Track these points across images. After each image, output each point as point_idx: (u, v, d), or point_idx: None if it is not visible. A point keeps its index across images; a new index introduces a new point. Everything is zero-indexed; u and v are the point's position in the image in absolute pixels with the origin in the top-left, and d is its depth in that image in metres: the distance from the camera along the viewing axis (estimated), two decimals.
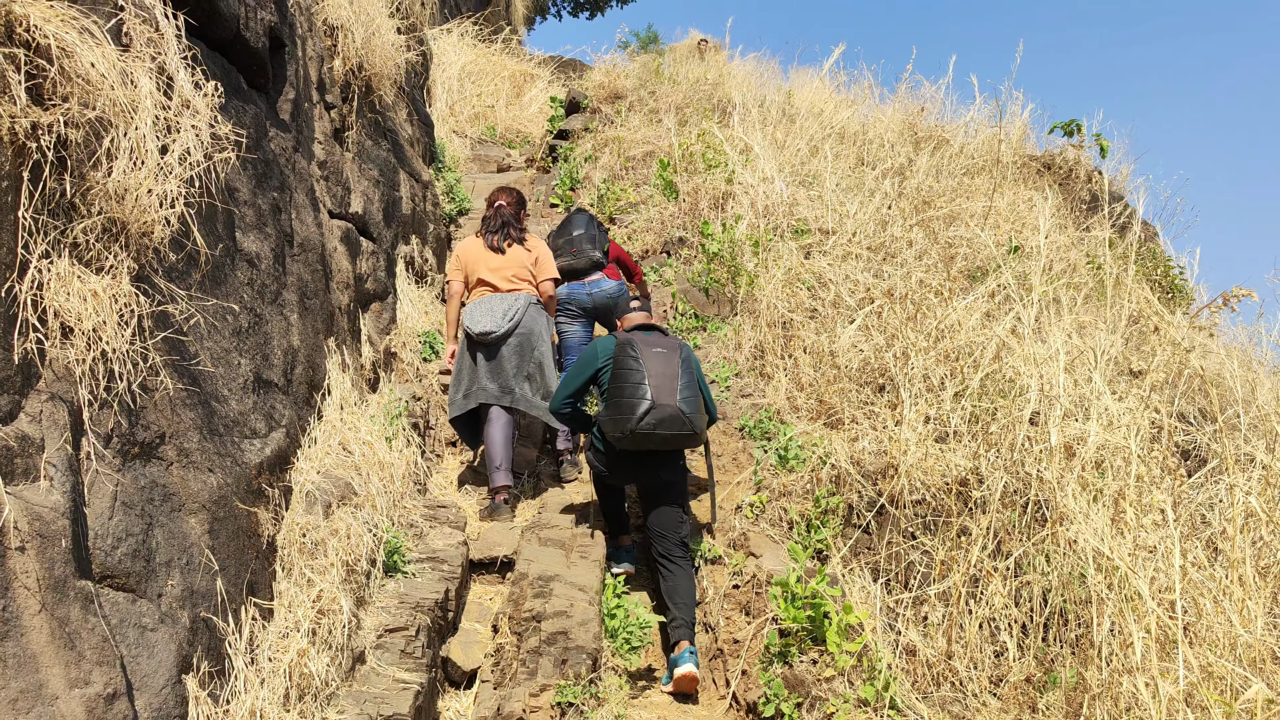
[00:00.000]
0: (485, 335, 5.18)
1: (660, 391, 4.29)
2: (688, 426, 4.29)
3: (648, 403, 4.25)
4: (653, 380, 4.32)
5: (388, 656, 3.54)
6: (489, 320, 5.21)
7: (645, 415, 4.25)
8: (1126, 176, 9.81)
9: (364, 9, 5.93)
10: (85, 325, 2.63)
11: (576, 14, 22.96)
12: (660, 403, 4.26)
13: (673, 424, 4.27)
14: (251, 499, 3.31)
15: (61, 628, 2.22)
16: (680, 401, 4.30)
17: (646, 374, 4.34)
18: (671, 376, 4.37)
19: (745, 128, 8.53)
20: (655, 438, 4.28)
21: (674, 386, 4.33)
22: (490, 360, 5.23)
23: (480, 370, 5.23)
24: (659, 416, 4.25)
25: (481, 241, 5.51)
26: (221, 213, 3.59)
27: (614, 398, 4.36)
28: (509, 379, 5.20)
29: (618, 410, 4.31)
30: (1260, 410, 4.79)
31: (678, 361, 4.44)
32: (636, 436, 4.26)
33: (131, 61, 2.99)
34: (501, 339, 5.22)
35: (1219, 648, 2.91)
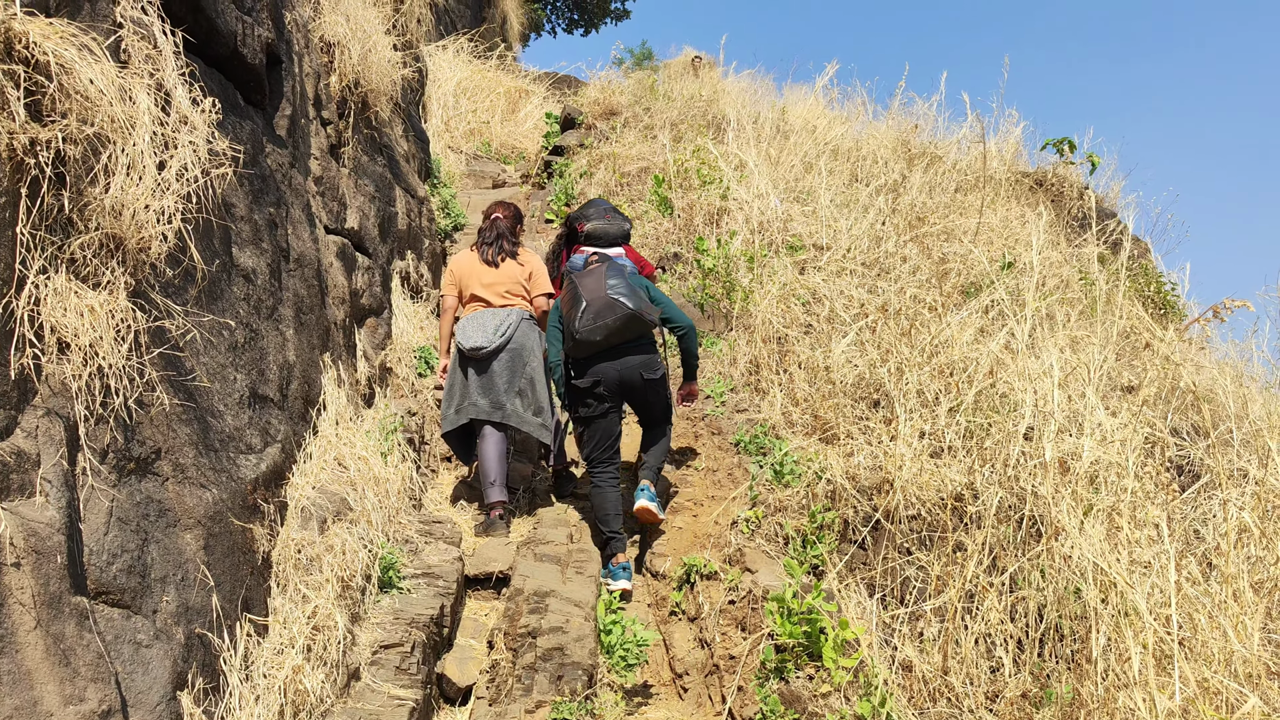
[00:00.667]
0: (476, 351, 5.18)
1: (593, 294, 4.66)
2: (623, 308, 4.58)
3: (583, 303, 4.62)
4: (586, 294, 4.68)
5: (383, 673, 3.53)
6: (480, 336, 5.21)
7: (583, 314, 4.60)
8: (1117, 193, 9.87)
9: (360, 26, 5.96)
10: (82, 341, 2.63)
11: (571, 31, 23.07)
12: (592, 300, 4.62)
13: (609, 311, 4.58)
14: (247, 515, 3.30)
15: (56, 644, 2.22)
16: (610, 290, 4.63)
17: (583, 289, 4.71)
18: (599, 278, 4.73)
19: (739, 144, 8.57)
20: (599, 328, 4.58)
21: (602, 285, 4.68)
22: (481, 375, 5.23)
23: (471, 386, 5.23)
24: (595, 310, 4.59)
25: (476, 255, 5.51)
26: (218, 228, 3.59)
27: (567, 326, 4.72)
28: (500, 394, 5.20)
29: (569, 331, 4.69)
30: (1253, 425, 4.81)
31: (604, 270, 4.80)
32: (582, 340, 4.59)
33: (130, 78, 3.00)
34: (493, 354, 5.22)
35: (1214, 663, 2.92)
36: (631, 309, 4.60)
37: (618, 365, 4.69)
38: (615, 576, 4.56)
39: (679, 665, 4.17)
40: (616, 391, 4.73)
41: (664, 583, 4.66)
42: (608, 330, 4.58)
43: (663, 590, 4.63)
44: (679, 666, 4.17)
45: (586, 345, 4.61)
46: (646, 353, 4.77)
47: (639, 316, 4.63)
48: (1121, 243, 8.73)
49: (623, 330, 4.62)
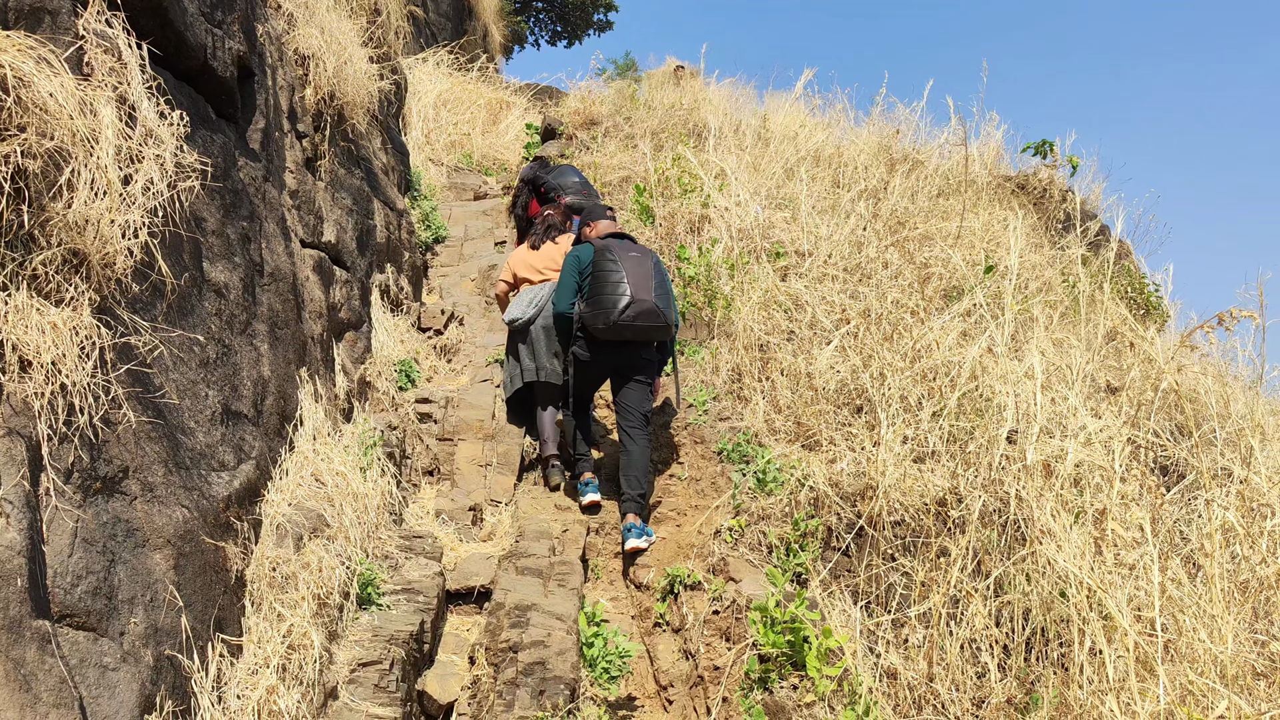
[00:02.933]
0: (513, 322, 5.88)
1: (638, 289, 5.03)
2: (662, 319, 5.06)
3: (628, 298, 4.99)
4: (631, 280, 5.05)
5: (361, 691, 3.47)
6: (517, 309, 5.91)
7: (626, 308, 4.98)
8: (1099, 195, 9.89)
9: (335, 38, 5.92)
10: (44, 358, 2.58)
11: (554, 42, 23.07)
12: (639, 298, 5.00)
13: (649, 316, 5.02)
14: (219, 533, 3.25)
15: (16, 669, 2.16)
16: (656, 298, 5.06)
17: (625, 274, 5.06)
18: (646, 276, 5.12)
19: (720, 152, 8.56)
20: (634, 328, 5.02)
21: (649, 285, 5.07)
22: (525, 343, 5.87)
23: (522, 352, 5.87)
24: (638, 310, 4.99)
25: (526, 245, 6.34)
26: (188, 243, 3.55)
27: (596, 295, 5.07)
28: (541, 357, 5.78)
29: (600, 306, 5.03)
30: (1235, 424, 4.80)
31: (650, 264, 5.20)
32: (618, 327, 4.99)
33: (92, 91, 2.96)
34: (528, 323, 5.84)
35: (1199, 665, 2.89)
36: (666, 324, 5.11)
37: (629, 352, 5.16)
38: (583, 492, 5.27)
39: (663, 677, 4.13)
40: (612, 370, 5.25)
41: (648, 594, 4.62)
42: (640, 332, 5.07)
43: (646, 601, 4.59)
44: (664, 678, 4.13)
45: (616, 330, 5.03)
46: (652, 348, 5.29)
47: (669, 329, 5.16)
48: (1103, 244, 8.75)
49: (653, 334, 5.13)
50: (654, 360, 5.29)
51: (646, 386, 5.19)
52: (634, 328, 5.01)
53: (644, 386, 5.18)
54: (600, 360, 5.20)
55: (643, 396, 5.17)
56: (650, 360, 5.23)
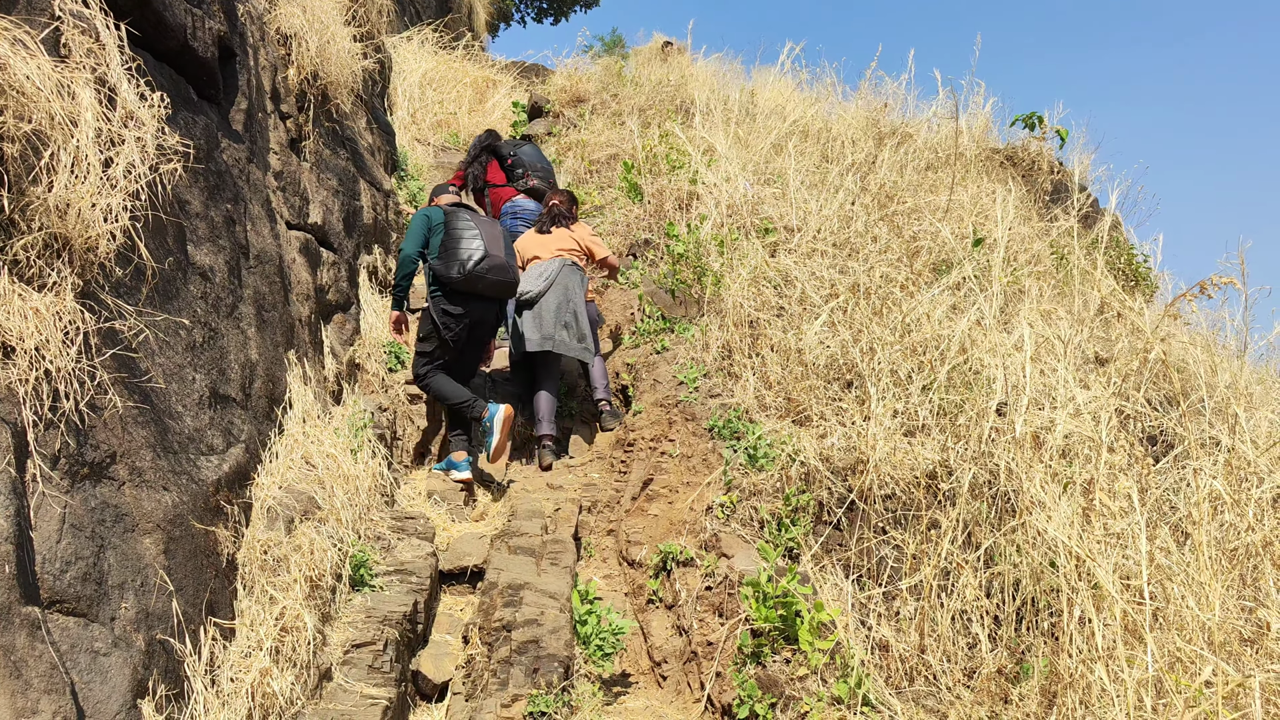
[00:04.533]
0: (524, 295, 6.04)
1: (491, 245, 5.45)
2: (511, 274, 5.53)
3: (481, 251, 5.39)
4: (484, 236, 5.46)
5: (355, 672, 3.48)
6: (528, 283, 6.12)
7: (480, 261, 5.37)
8: (1088, 167, 9.87)
9: (318, 17, 5.86)
10: (27, 344, 2.56)
11: (540, 19, 22.89)
12: (491, 253, 5.42)
13: (501, 271, 5.44)
14: (209, 517, 3.24)
15: (6, 656, 2.15)
16: (507, 255, 5.52)
17: (479, 231, 5.48)
18: (499, 237, 5.58)
19: (708, 128, 8.52)
20: (485, 280, 5.39)
21: (500, 244, 5.52)
22: (533, 315, 6.05)
23: (528, 324, 6.03)
24: (491, 264, 5.39)
25: (534, 230, 6.60)
26: (171, 226, 3.52)
27: (450, 248, 5.45)
28: (550, 327, 5.99)
29: (455, 257, 5.40)
30: (1223, 394, 4.82)
31: (500, 230, 5.65)
32: (471, 278, 5.37)
33: (70, 72, 2.92)
34: (538, 296, 6.06)
35: (1187, 632, 2.91)
36: (514, 280, 5.61)
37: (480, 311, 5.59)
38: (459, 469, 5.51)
39: (657, 653, 4.15)
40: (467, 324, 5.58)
41: (640, 571, 4.63)
42: (492, 286, 5.46)
43: (639, 578, 4.60)
44: (657, 655, 4.15)
45: (469, 280, 5.40)
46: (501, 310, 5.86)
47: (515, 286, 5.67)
48: (1092, 216, 8.75)
49: (503, 290, 5.57)
50: (493, 324, 5.77)
51: (482, 347, 5.80)
52: (485, 280, 5.40)
53: (481, 346, 5.77)
54: (459, 316, 5.51)
55: (478, 357, 5.81)
56: (491, 324, 5.72)
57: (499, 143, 7.58)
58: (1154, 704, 2.67)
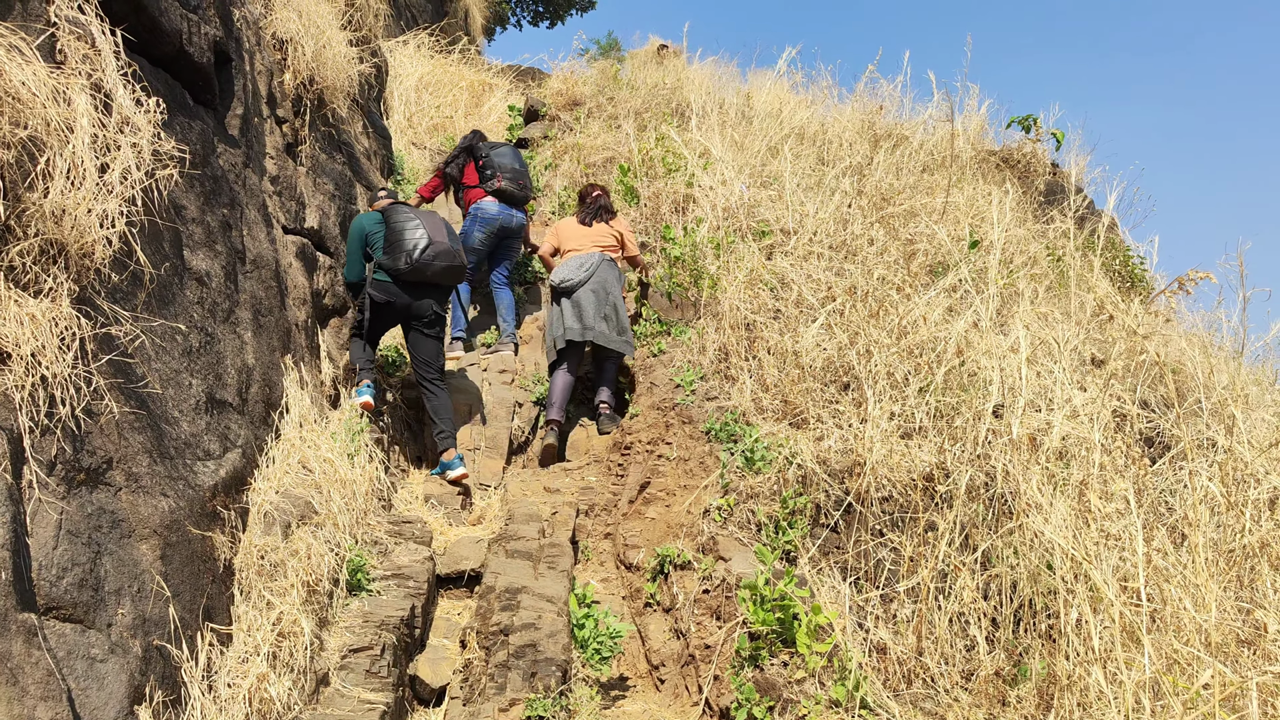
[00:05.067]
0: (564, 282, 6.21)
1: (434, 233, 5.47)
2: (458, 259, 5.54)
3: (425, 240, 5.42)
4: (427, 228, 5.48)
5: (352, 677, 3.48)
6: (569, 271, 6.28)
7: (425, 249, 5.40)
8: (1083, 169, 9.89)
9: (314, 22, 5.86)
10: (24, 350, 2.56)
11: (536, 23, 22.86)
12: (435, 240, 5.44)
13: (446, 257, 5.46)
14: (206, 522, 3.24)
15: (2, 663, 2.15)
16: (450, 240, 5.54)
17: (420, 223, 5.49)
18: (440, 226, 5.60)
19: (704, 131, 8.52)
20: (433, 268, 5.42)
21: (444, 233, 5.54)
22: (573, 305, 6.19)
23: (567, 314, 6.18)
24: (436, 251, 5.42)
25: (575, 219, 6.72)
26: (168, 231, 3.52)
27: (394, 243, 5.46)
28: (590, 319, 6.12)
29: (400, 249, 5.42)
30: (1220, 395, 4.83)
31: (440, 219, 5.66)
32: (418, 267, 5.38)
33: (66, 79, 2.92)
34: (577, 285, 6.21)
35: (1185, 634, 2.91)
36: (462, 265, 5.59)
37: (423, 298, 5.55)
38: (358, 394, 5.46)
39: (655, 657, 4.15)
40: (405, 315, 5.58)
41: (638, 574, 4.63)
42: (439, 273, 5.47)
43: (637, 582, 4.60)
44: (655, 658, 4.14)
45: (416, 270, 5.41)
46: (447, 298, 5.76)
47: (463, 271, 5.65)
48: (1088, 217, 8.77)
49: (450, 275, 5.55)
50: (443, 316, 5.70)
51: (437, 341, 5.67)
52: (433, 267, 5.42)
53: (436, 341, 5.65)
54: (396, 305, 5.50)
55: (437, 350, 5.68)
56: (440, 316, 5.66)
57: (479, 143, 7.57)
58: (1152, 706, 2.67)
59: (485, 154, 7.30)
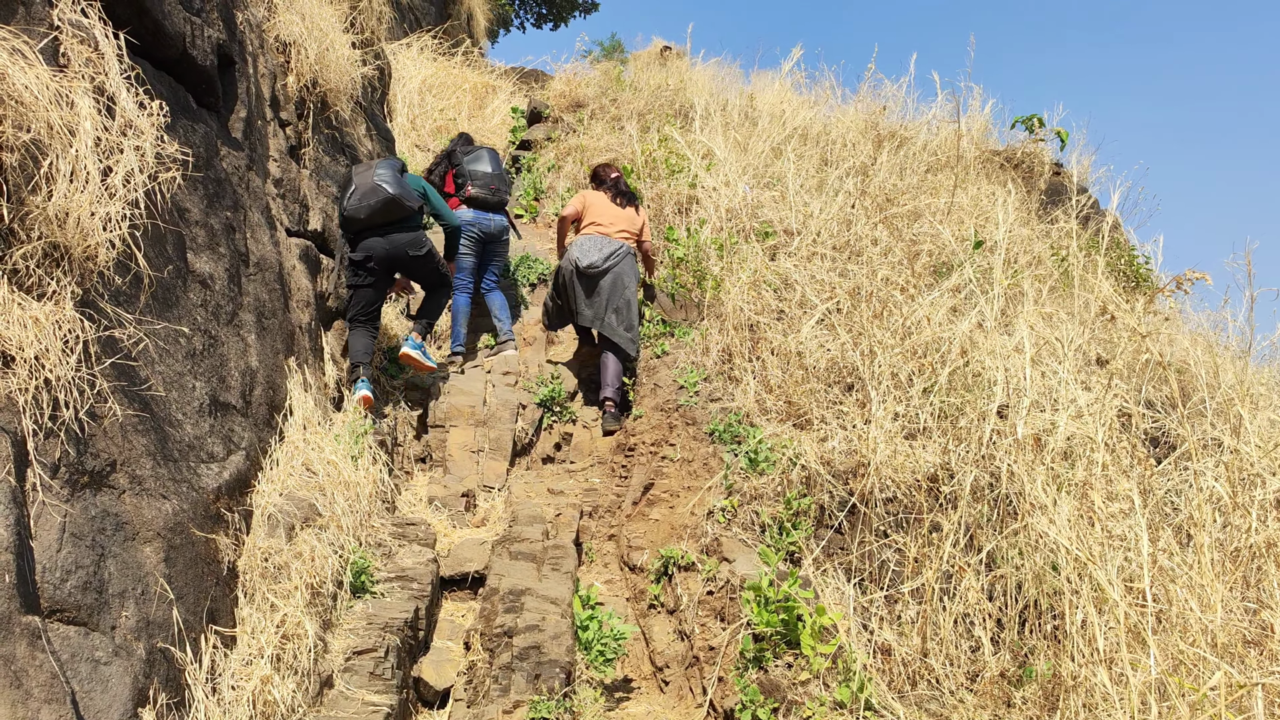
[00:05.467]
0: (590, 268, 6.26)
1: (363, 179, 5.63)
2: (384, 192, 5.56)
3: (352, 187, 5.61)
4: (356, 177, 5.67)
5: (356, 679, 3.47)
6: (595, 254, 6.30)
7: (351, 195, 5.59)
8: (1088, 168, 9.88)
9: (317, 25, 5.87)
10: (27, 353, 2.56)
11: (540, 25, 22.88)
12: (362, 186, 5.59)
13: (372, 194, 5.55)
14: (210, 524, 3.24)
15: (6, 666, 2.15)
16: (377, 179, 5.61)
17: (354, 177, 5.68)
18: (369, 169, 5.69)
19: (707, 132, 8.52)
20: (364, 208, 5.55)
21: (372, 175, 5.64)
22: (588, 291, 6.31)
23: (579, 298, 6.32)
24: (362, 192, 5.57)
25: (607, 196, 6.73)
26: (171, 234, 3.52)
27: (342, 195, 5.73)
28: (601, 310, 6.26)
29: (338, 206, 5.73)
30: (1225, 395, 4.81)
31: (376, 163, 5.75)
32: (351, 218, 5.58)
33: (69, 82, 2.93)
34: (600, 274, 6.28)
35: (1191, 634, 2.90)
36: (393, 195, 5.59)
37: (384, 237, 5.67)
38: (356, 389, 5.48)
39: (659, 658, 4.14)
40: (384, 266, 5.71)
41: (642, 575, 4.63)
42: (373, 212, 5.57)
43: (641, 583, 4.60)
44: (659, 660, 4.14)
45: (352, 220, 5.60)
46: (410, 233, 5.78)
47: (399, 201, 5.62)
48: (1093, 217, 8.75)
49: (387, 211, 5.60)
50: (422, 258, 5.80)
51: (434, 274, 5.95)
52: (364, 207, 5.55)
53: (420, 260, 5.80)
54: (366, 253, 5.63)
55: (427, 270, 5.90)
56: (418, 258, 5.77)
57: (456, 150, 7.47)
58: (1158, 708, 2.66)
59: (458, 161, 7.24)
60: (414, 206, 5.73)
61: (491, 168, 7.19)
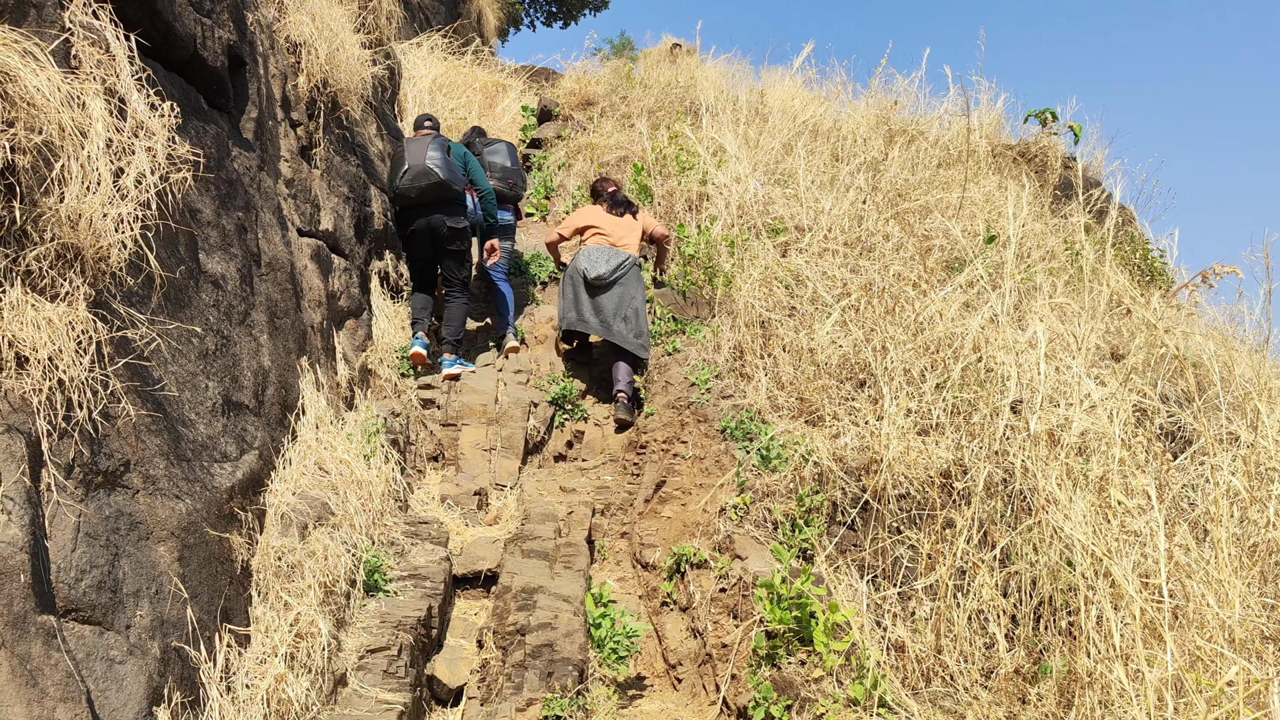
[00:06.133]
0: (599, 279, 6.39)
1: (414, 159, 6.16)
2: (435, 176, 6.10)
3: (405, 167, 6.15)
4: (409, 156, 6.19)
5: (370, 678, 3.48)
6: (603, 266, 6.42)
7: (404, 174, 6.13)
8: (1101, 162, 9.83)
9: (327, 25, 5.87)
10: (41, 354, 2.58)
11: (550, 23, 22.89)
12: (412, 165, 6.13)
13: (423, 176, 6.09)
14: (223, 524, 3.25)
15: (22, 665, 2.16)
16: (428, 160, 6.13)
17: (406, 154, 6.22)
18: (423, 147, 6.20)
19: (718, 128, 8.51)
20: (414, 190, 6.13)
21: (424, 154, 6.17)
22: (594, 300, 6.43)
23: (585, 306, 6.45)
24: (414, 174, 6.10)
25: (603, 209, 6.85)
26: (183, 234, 3.53)
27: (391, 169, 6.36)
28: (609, 318, 6.38)
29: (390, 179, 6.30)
30: (1241, 389, 4.77)
31: (428, 141, 6.28)
32: (400, 194, 6.18)
33: (80, 84, 2.94)
34: (608, 285, 6.41)
35: (1208, 630, 2.88)
36: (442, 180, 6.12)
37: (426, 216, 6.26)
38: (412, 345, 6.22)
39: (672, 656, 4.14)
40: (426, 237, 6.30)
41: (654, 573, 4.62)
42: (422, 192, 6.15)
43: (653, 581, 4.59)
44: (672, 657, 4.13)
45: (401, 196, 6.21)
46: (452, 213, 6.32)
47: (448, 186, 6.16)
48: (1107, 211, 8.69)
49: (434, 191, 6.15)
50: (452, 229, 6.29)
51: (458, 255, 6.44)
52: (414, 189, 6.12)
53: (457, 255, 6.42)
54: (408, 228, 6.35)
55: (458, 263, 6.47)
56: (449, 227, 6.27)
57: (475, 140, 7.63)
58: (1174, 704, 2.64)
59: (479, 152, 7.38)
60: (460, 189, 6.24)
61: (510, 161, 7.37)
